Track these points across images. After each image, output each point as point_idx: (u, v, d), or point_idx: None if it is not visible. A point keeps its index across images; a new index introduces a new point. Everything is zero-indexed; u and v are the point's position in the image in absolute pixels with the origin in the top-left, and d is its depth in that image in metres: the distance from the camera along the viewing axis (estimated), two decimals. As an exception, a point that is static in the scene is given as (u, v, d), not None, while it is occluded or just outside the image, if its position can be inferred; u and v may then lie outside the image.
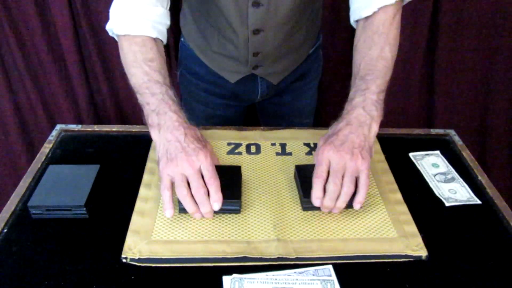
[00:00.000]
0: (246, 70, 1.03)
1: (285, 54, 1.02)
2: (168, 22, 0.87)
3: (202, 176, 0.72)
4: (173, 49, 1.48)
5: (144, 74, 0.80)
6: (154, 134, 0.77)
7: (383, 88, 0.80)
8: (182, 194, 0.70)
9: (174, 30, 1.46)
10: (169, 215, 0.71)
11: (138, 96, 0.81)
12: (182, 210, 0.73)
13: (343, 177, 0.71)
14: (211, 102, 1.13)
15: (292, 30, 0.96)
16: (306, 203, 0.75)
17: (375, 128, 0.76)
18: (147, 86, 0.79)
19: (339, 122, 0.77)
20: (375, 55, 0.82)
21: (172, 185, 0.72)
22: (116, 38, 0.89)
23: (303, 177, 0.78)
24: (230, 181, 0.76)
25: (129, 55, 0.83)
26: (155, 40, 0.84)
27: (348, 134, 0.74)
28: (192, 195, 0.71)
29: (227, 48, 0.99)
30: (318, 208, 0.74)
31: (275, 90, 1.11)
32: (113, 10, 0.86)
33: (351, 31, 0.96)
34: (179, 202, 0.72)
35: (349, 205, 0.76)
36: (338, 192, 0.71)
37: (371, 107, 0.76)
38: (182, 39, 1.12)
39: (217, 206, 0.71)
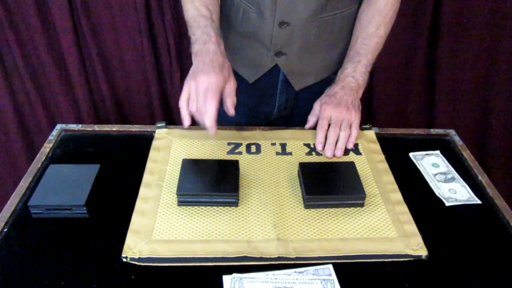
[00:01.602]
0: (268, 58, 0.99)
1: (314, 49, 0.98)
2: None
3: None
4: (173, 47, 1.48)
5: (194, 9, 0.92)
6: (193, 58, 0.88)
7: (372, 62, 0.98)
8: (192, 103, 0.81)
9: (174, 29, 1.46)
10: (186, 125, 0.83)
11: (189, 29, 0.93)
12: (181, 203, 0.74)
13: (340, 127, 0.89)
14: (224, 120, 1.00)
15: (324, 20, 0.94)
16: (308, 201, 0.75)
17: (360, 92, 0.95)
18: (195, 20, 0.91)
19: (334, 87, 0.94)
20: (371, 32, 0.97)
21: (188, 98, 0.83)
22: None
23: (307, 174, 0.79)
24: (228, 175, 0.78)
25: None
26: None
27: (343, 96, 0.92)
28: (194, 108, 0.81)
29: (251, 19, 0.96)
30: (319, 206, 0.75)
31: (292, 105, 1.07)
32: None
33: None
34: (178, 195, 0.74)
35: (350, 204, 0.76)
36: (337, 136, 0.89)
37: (359, 76, 0.95)
38: None
39: (208, 122, 0.79)
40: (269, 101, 1.06)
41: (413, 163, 0.90)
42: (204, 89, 0.79)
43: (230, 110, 0.83)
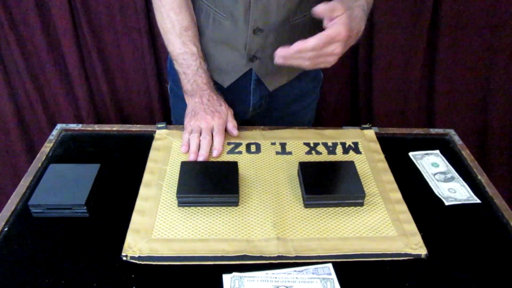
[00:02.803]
0: (242, 63, 0.99)
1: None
2: None
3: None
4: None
5: (182, 44, 0.94)
6: (187, 98, 0.97)
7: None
8: (194, 137, 0.89)
9: None
10: (184, 151, 0.88)
11: (175, 62, 0.97)
12: (181, 204, 0.75)
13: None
14: None
15: (296, 23, 0.93)
16: (308, 200, 0.76)
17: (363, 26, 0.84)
18: (184, 58, 0.94)
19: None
20: None
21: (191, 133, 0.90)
22: None
23: (306, 174, 0.79)
24: (228, 175, 0.78)
25: (167, 21, 0.94)
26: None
27: (358, 21, 0.79)
28: (199, 142, 0.88)
29: (224, 26, 0.94)
30: (319, 206, 0.76)
31: (268, 103, 1.07)
32: None
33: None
34: (178, 197, 0.74)
35: (349, 203, 0.76)
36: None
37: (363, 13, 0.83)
38: None
39: (215, 153, 0.87)
40: (244, 101, 1.06)
41: (412, 162, 0.90)
42: (209, 129, 0.90)
43: (234, 132, 0.94)
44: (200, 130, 0.90)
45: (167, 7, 0.93)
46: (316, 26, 0.97)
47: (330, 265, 0.66)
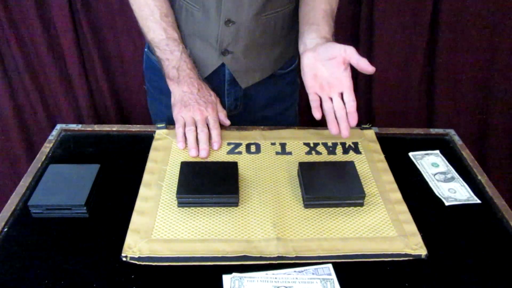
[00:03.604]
0: (214, 57, 0.98)
1: (259, 48, 0.98)
2: None
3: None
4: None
5: (163, 30, 0.92)
6: (172, 86, 0.93)
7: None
8: (190, 131, 0.87)
9: None
10: (181, 147, 0.88)
11: (156, 50, 0.93)
12: (181, 204, 0.74)
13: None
14: None
15: (267, 18, 0.94)
16: (308, 200, 0.76)
17: None
18: (167, 44, 0.92)
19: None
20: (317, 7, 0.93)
21: (184, 125, 0.88)
22: None
23: (306, 174, 0.79)
24: (227, 176, 0.78)
25: (145, 8, 0.92)
26: None
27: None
28: (196, 135, 0.87)
29: (196, 17, 0.95)
30: (318, 206, 0.76)
31: (243, 105, 1.06)
32: None
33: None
34: (178, 197, 0.74)
35: (349, 203, 0.76)
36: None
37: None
38: (146, 49, 1.08)
39: (216, 145, 0.88)
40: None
41: (412, 162, 0.90)
42: (204, 121, 0.89)
43: (226, 122, 0.94)
44: (195, 123, 0.89)
45: None
46: (288, 23, 0.99)
47: (330, 265, 0.66)
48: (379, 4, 1.42)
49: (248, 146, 0.91)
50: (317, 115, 0.86)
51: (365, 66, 0.79)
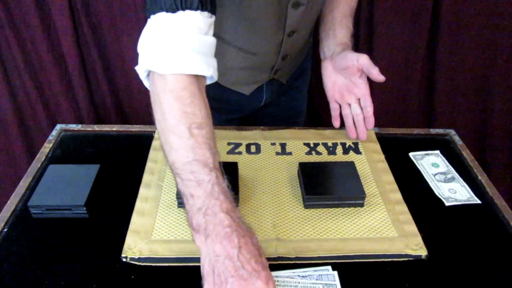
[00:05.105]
0: (266, 77, 0.99)
1: (301, 52, 1.02)
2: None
3: None
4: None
5: (190, 150, 0.62)
6: (198, 241, 0.59)
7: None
8: None
9: None
10: None
11: (177, 178, 0.63)
12: (181, 205, 0.74)
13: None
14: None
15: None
16: (308, 201, 0.76)
17: None
18: (192, 170, 0.61)
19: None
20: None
21: None
22: (146, 83, 0.72)
23: (306, 174, 0.79)
24: (227, 176, 0.77)
25: (169, 115, 0.64)
26: (201, 81, 0.67)
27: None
28: None
29: (250, 60, 0.92)
30: (319, 206, 0.76)
31: (276, 94, 1.08)
32: (144, 44, 0.68)
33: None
34: (178, 198, 0.73)
35: (349, 204, 0.76)
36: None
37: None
38: None
39: None
40: (258, 97, 1.05)
41: (413, 163, 0.90)
42: None
43: None
44: None
45: (169, 96, 0.65)
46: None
47: (334, 272, 0.66)
48: (379, 4, 1.41)
49: (248, 146, 0.91)
50: (336, 124, 0.93)
51: (375, 76, 0.86)
